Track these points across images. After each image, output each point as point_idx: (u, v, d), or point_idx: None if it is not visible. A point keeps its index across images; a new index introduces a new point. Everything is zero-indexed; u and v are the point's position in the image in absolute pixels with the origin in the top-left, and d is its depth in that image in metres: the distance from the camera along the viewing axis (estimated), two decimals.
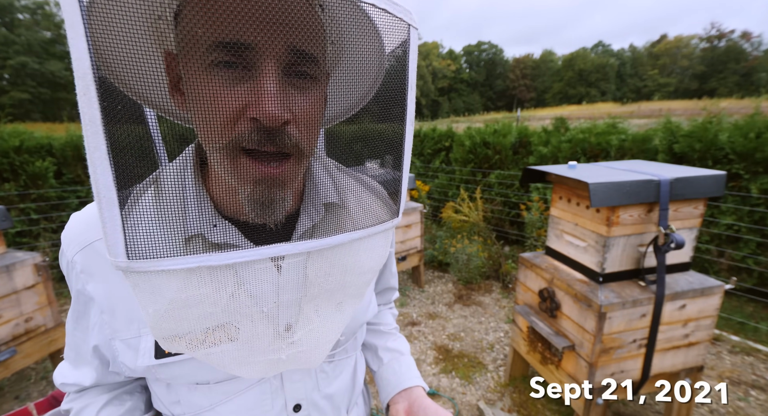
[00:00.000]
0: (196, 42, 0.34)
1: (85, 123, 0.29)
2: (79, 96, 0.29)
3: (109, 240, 0.32)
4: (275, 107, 0.35)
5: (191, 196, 0.42)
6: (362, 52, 0.42)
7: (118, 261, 0.33)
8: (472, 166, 4.93)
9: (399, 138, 0.45)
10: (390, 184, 0.49)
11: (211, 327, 0.41)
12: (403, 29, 0.41)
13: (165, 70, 0.39)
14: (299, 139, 0.39)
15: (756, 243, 3.09)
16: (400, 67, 0.43)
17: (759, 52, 54.48)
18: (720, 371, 2.53)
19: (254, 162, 0.38)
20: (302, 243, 0.39)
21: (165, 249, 0.35)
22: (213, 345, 0.43)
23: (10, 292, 2.15)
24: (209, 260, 0.36)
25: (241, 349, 0.44)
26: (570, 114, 21.55)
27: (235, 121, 0.36)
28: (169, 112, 0.46)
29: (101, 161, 0.30)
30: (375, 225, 0.45)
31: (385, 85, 0.45)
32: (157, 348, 0.50)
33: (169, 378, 0.52)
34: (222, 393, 0.54)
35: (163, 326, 0.39)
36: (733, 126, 3.25)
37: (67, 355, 0.58)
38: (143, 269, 0.34)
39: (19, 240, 4.34)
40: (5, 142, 4.25)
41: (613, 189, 1.57)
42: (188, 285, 0.37)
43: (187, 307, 0.38)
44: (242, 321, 0.43)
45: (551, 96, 67.46)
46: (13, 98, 28.03)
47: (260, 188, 0.39)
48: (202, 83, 0.35)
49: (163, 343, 0.42)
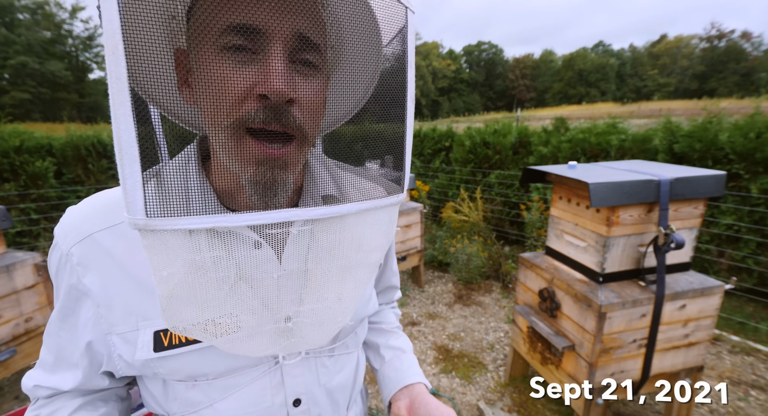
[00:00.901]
0: (211, 27, 0.37)
1: (111, 80, 0.31)
2: (107, 55, 0.30)
3: (128, 196, 0.33)
4: (282, 83, 0.37)
5: (196, 188, 0.43)
6: (363, 40, 0.44)
7: (137, 218, 0.34)
8: (472, 166, 4.93)
9: (401, 124, 0.46)
10: (394, 160, 0.50)
11: (221, 300, 0.42)
12: (401, 12, 0.43)
13: (175, 66, 0.41)
14: (302, 121, 0.41)
15: (756, 243, 3.10)
16: (400, 47, 0.45)
17: (759, 52, 54.48)
18: (720, 371, 2.53)
19: (258, 143, 0.40)
20: (312, 209, 0.41)
21: (182, 209, 0.36)
22: (225, 315, 0.43)
23: (10, 292, 2.15)
24: (225, 221, 0.37)
25: (251, 318, 0.44)
26: (570, 114, 21.58)
27: (242, 100, 0.38)
28: (173, 109, 0.48)
29: (125, 118, 0.31)
30: (379, 199, 0.46)
31: (386, 66, 0.47)
32: (156, 341, 0.49)
33: (168, 373, 0.52)
34: (221, 389, 0.54)
35: (174, 294, 0.39)
36: (733, 126, 3.25)
37: (44, 361, 0.55)
38: (160, 227, 0.35)
39: (19, 241, 4.34)
40: (5, 142, 4.26)
41: (613, 189, 1.57)
42: (201, 247, 0.38)
43: (200, 271, 0.39)
44: (252, 289, 0.43)
45: (551, 96, 67.48)
46: (13, 98, 28.05)
47: (263, 169, 0.41)
48: (214, 65, 0.37)
49: (172, 317, 0.41)
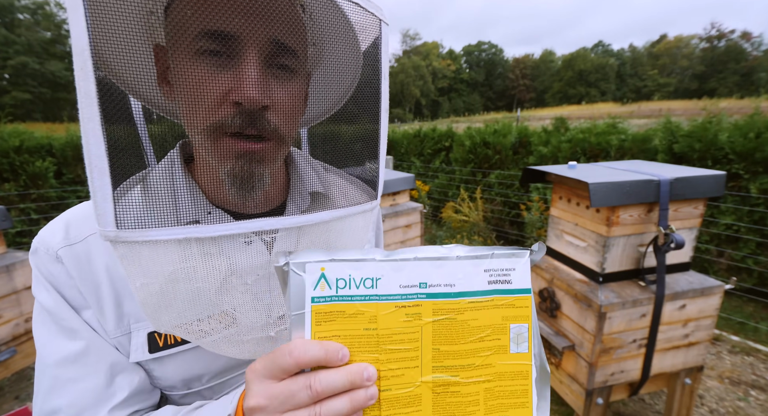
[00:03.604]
0: (185, 31, 0.37)
1: (81, 96, 0.31)
2: (76, 71, 0.31)
3: (98, 209, 0.33)
4: (255, 91, 0.38)
5: (183, 187, 0.44)
6: (339, 44, 0.45)
7: (107, 230, 0.34)
8: (472, 166, 4.93)
9: (375, 126, 0.48)
10: (369, 170, 0.52)
11: (201, 306, 0.41)
12: (375, 24, 0.44)
13: (154, 61, 0.41)
14: (278, 124, 0.42)
15: (756, 243, 3.10)
16: (373, 58, 0.46)
17: (759, 52, 54.46)
18: (720, 371, 2.53)
19: (235, 140, 0.41)
20: (287, 218, 0.41)
21: (153, 220, 0.36)
22: (204, 323, 0.43)
23: (10, 292, 2.15)
24: (196, 232, 0.37)
25: (232, 328, 0.44)
26: (570, 114, 21.55)
27: (218, 105, 0.38)
28: (155, 104, 0.48)
29: (94, 132, 0.32)
30: (355, 206, 0.48)
31: (361, 78, 0.48)
32: (150, 342, 0.49)
33: (162, 377, 0.51)
34: (215, 395, 0.54)
35: (151, 302, 0.39)
36: (732, 126, 3.26)
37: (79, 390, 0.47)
38: (131, 239, 0.35)
39: (19, 241, 4.34)
40: (5, 142, 4.26)
41: (613, 189, 1.57)
42: (175, 259, 0.38)
43: (174, 282, 0.39)
44: (231, 298, 0.43)
45: (551, 96, 67.44)
46: (13, 98, 28.05)
47: (240, 162, 0.41)
48: (188, 69, 0.37)
49: (156, 320, 0.41)
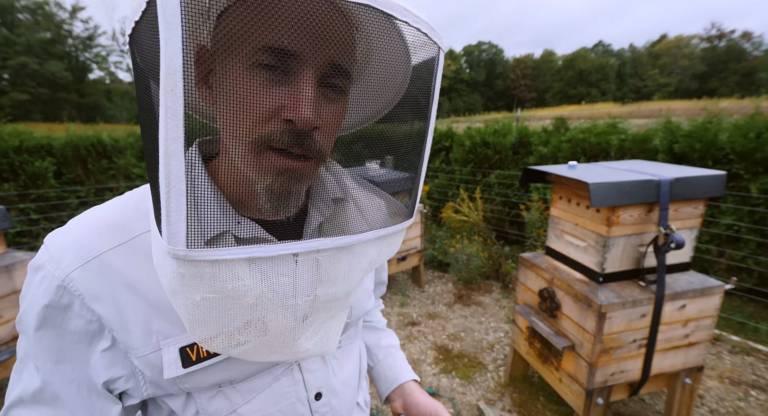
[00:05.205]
0: (243, 42, 0.36)
1: (167, 116, 0.31)
2: (163, 91, 0.30)
3: (172, 228, 0.33)
4: (309, 112, 0.38)
5: (210, 195, 0.43)
6: (391, 69, 0.45)
7: (177, 249, 0.34)
8: (472, 166, 4.93)
9: (420, 143, 0.49)
10: (407, 185, 0.52)
11: (247, 318, 0.42)
12: (434, 51, 0.45)
13: (194, 61, 0.40)
14: (322, 145, 0.42)
15: (756, 243, 3.09)
16: (428, 84, 0.46)
17: (759, 52, 54.45)
18: (720, 371, 2.53)
19: (279, 155, 0.41)
20: (344, 238, 0.43)
21: (219, 240, 0.39)
22: (245, 335, 0.43)
23: (10, 292, 2.15)
24: (260, 251, 0.38)
25: (271, 341, 0.45)
26: (570, 114, 21.58)
27: (268, 120, 0.38)
28: (190, 105, 0.48)
29: (177, 153, 0.31)
30: (396, 225, 0.49)
31: (413, 95, 0.49)
32: (183, 358, 0.49)
33: (194, 386, 0.51)
34: (245, 393, 0.54)
35: (202, 318, 0.40)
36: (733, 126, 3.25)
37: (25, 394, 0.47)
38: (200, 258, 0.35)
39: (19, 241, 4.34)
40: (5, 142, 4.26)
41: (613, 189, 1.57)
42: (233, 276, 0.38)
43: (228, 298, 0.39)
44: (263, 307, 0.44)
45: (551, 96, 67.46)
46: (13, 99, 28.06)
47: (281, 179, 0.42)
48: (242, 81, 0.37)
49: (200, 338, 0.42)
